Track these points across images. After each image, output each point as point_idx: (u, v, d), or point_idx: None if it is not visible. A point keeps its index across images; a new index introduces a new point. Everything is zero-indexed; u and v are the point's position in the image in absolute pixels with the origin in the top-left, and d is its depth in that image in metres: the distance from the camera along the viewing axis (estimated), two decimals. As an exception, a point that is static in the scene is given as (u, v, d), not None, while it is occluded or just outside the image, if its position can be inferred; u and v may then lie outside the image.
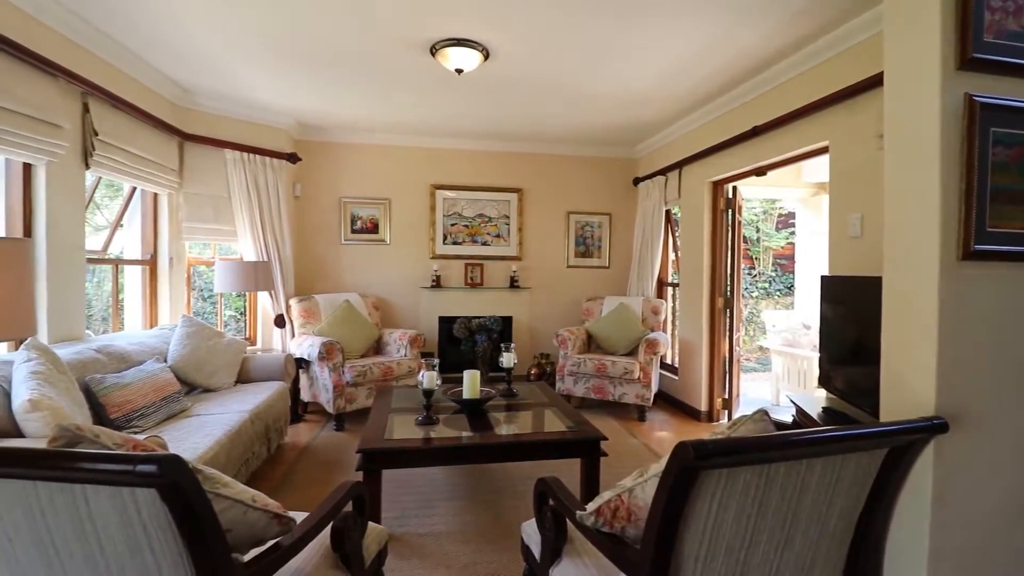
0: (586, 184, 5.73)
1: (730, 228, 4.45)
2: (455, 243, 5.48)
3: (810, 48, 3.14)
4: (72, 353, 2.49)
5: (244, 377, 3.59)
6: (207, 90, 4.06)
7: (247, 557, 1.14)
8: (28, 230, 2.75)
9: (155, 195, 4.03)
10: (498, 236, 5.57)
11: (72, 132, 2.93)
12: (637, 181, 5.63)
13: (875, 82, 2.68)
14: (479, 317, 5.06)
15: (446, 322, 5.32)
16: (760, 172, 3.95)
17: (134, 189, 3.88)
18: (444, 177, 5.45)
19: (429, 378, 2.68)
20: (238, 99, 4.23)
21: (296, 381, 4.32)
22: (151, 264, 4.00)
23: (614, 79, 3.72)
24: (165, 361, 3.16)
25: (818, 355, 2.91)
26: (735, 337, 4.50)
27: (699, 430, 4.28)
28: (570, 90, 3.94)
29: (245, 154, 4.42)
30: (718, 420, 4.49)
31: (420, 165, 5.40)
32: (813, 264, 6.34)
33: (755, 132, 3.71)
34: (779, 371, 5.31)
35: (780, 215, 10.05)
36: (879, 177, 1.69)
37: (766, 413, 1.19)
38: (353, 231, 5.29)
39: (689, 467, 0.89)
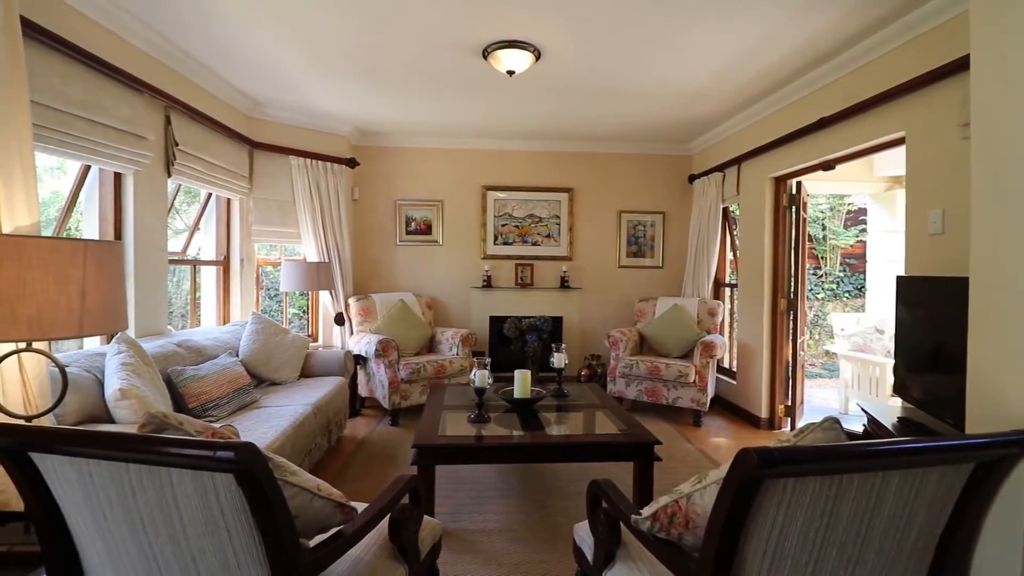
0: (639, 182, 5.62)
1: (794, 226, 4.23)
2: (506, 243, 5.52)
3: (884, 32, 2.93)
4: (156, 347, 2.71)
5: (307, 372, 3.77)
6: (275, 101, 4.30)
7: (313, 543, 1.20)
8: (118, 234, 3.01)
9: (228, 200, 4.31)
10: (548, 236, 5.56)
11: (156, 143, 3.18)
12: (692, 178, 5.46)
13: (957, 67, 2.48)
14: (529, 317, 5.08)
15: (497, 322, 5.37)
16: (827, 166, 3.73)
17: (210, 195, 4.17)
18: (495, 178, 5.50)
19: (481, 377, 2.72)
20: (303, 108, 4.45)
21: (354, 377, 4.49)
22: (224, 264, 4.28)
23: (669, 74, 3.63)
24: (237, 355, 3.38)
25: (893, 361, 2.72)
26: (799, 341, 4.28)
27: (759, 438, 4.10)
28: (623, 88, 3.89)
29: (308, 160, 4.65)
30: (779, 428, 4.28)
31: (472, 167, 5.48)
32: (886, 264, 5.92)
33: (821, 124, 3.51)
34: (848, 378, 5.00)
35: (849, 212, 9.45)
36: (962, 169, 1.56)
37: (836, 421, 1.12)
38: (407, 232, 5.44)
39: (753, 475, 0.85)
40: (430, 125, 4.95)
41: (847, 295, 9.41)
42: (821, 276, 9.50)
